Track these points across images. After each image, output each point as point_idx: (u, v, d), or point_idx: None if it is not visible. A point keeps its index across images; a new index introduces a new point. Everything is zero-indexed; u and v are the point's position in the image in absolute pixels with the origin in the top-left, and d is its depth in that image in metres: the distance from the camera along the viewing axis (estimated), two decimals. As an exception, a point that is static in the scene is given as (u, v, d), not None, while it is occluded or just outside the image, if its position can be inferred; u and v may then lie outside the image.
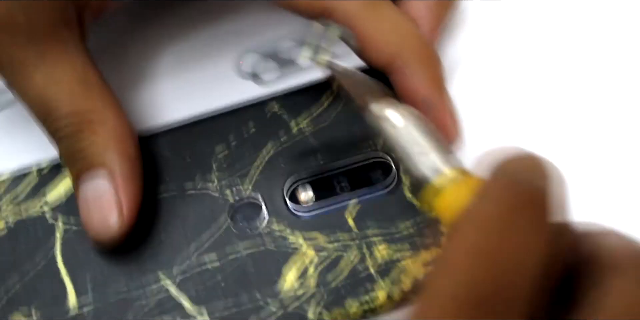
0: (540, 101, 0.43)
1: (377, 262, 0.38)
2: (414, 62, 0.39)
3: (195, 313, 0.38)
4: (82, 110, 0.39)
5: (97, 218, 0.39)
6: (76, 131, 0.39)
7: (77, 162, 0.39)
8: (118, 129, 0.40)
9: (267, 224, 0.40)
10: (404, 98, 0.40)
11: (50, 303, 0.40)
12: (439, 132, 0.34)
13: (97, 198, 0.39)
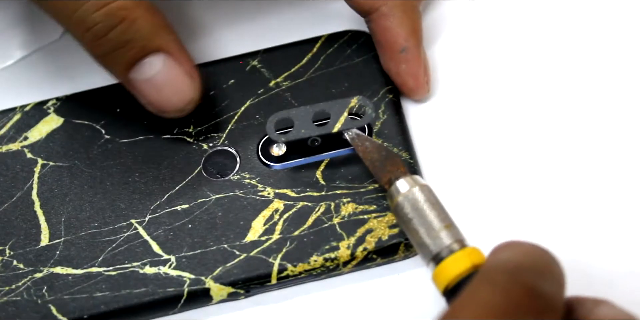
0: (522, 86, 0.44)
1: (342, 218, 0.39)
2: (399, 11, 0.41)
3: (162, 253, 0.39)
4: None
5: (172, 93, 0.40)
6: (115, 22, 0.39)
7: (126, 54, 0.39)
8: (154, 11, 0.40)
9: (238, 172, 0.41)
10: (382, 44, 0.41)
11: (23, 234, 0.41)
12: (444, 207, 0.37)
13: (165, 75, 0.40)
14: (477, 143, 0.42)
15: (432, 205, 0.37)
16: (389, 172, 0.38)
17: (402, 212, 0.37)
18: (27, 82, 0.47)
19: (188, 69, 0.40)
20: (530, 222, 0.40)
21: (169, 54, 0.40)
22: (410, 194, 0.37)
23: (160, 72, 0.40)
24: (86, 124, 0.43)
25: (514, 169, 0.41)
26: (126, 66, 0.40)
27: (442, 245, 0.36)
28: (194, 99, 0.41)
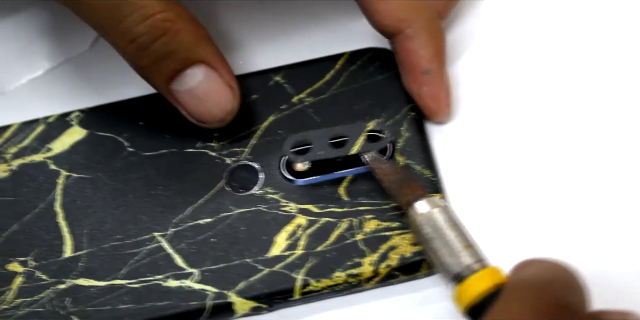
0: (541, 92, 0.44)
1: (365, 235, 0.40)
2: (424, 32, 0.41)
3: (185, 266, 0.40)
4: (158, 11, 0.39)
5: (212, 104, 0.41)
6: (159, 34, 0.39)
7: (169, 65, 0.40)
8: (196, 23, 0.40)
9: (261, 187, 0.41)
10: (405, 65, 0.42)
11: (46, 245, 0.41)
12: (464, 227, 0.37)
13: (206, 86, 0.40)
14: (499, 160, 0.42)
15: (452, 226, 0.37)
16: (407, 194, 0.38)
17: (422, 233, 0.37)
18: (53, 94, 0.47)
19: (228, 80, 0.41)
20: (552, 240, 0.40)
21: (210, 65, 0.40)
22: (430, 215, 0.37)
23: (202, 83, 0.40)
24: (109, 136, 0.43)
25: (536, 187, 0.41)
26: (168, 77, 0.40)
27: (463, 265, 0.36)
28: (234, 110, 0.41)
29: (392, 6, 0.41)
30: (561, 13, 0.46)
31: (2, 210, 0.42)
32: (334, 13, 0.47)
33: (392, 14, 0.41)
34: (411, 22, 0.41)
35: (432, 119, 0.43)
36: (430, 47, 0.42)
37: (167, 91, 0.41)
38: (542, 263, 0.34)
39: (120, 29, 0.39)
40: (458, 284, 0.35)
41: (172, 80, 0.40)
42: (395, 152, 0.41)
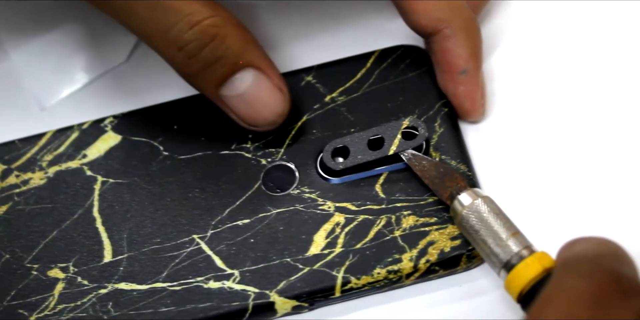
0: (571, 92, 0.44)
1: (403, 231, 0.40)
2: (462, 33, 0.41)
3: (225, 267, 0.40)
4: (205, 17, 0.39)
5: (263, 107, 0.41)
6: (207, 40, 0.39)
7: (218, 70, 0.40)
8: (242, 27, 0.40)
9: (297, 187, 0.42)
10: (442, 64, 0.42)
11: (86, 251, 0.41)
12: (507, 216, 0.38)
13: (256, 90, 0.40)
14: (532, 152, 0.42)
15: (496, 215, 0.37)
16: (449, 188, 0.39)
17: (467, 224, 0.37)
18: (92, 106, 0.47)
19: (277, 83, 0.41)
20: (590, 225, 0.40)
21: (259, 68, 0.40)
22: (474, 206, 0.38)
23: (251, 87, 0.40)
24: (144, 141, 0.44)
25: (570, 176, 0.41)
26: (217, 83, 0.40)
27: (512, 253, 0.36)
28: (284, 112, 0.41)
29: (431, 6, 0.41)
30: (595, 9, 0.46)
31: (41, 218, 0.42)
32: (362, 12, 0.47)
33: (430, 14, 0.41)
34: (449, 22, 0.41)
35: (466, 118, 0.43)
36: (467, 47, 0.42)
37: (216, 97, 0.41)
38: (589, 239, 0.34)
39: (168, 37, 0.39)
40: (508, 271, 0.36)
41: (221, 86, 0.40)
42: (430, 148, 0.41)
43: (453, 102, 0.42)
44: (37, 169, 0.44)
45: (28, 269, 0.41)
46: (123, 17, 0.39)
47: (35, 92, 0.47)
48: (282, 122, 0.41)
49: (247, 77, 0.40)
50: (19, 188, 0.43)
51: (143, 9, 0.38)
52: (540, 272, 0.35)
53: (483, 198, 0.38)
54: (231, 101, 0.40)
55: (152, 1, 0.38)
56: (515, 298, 0.35)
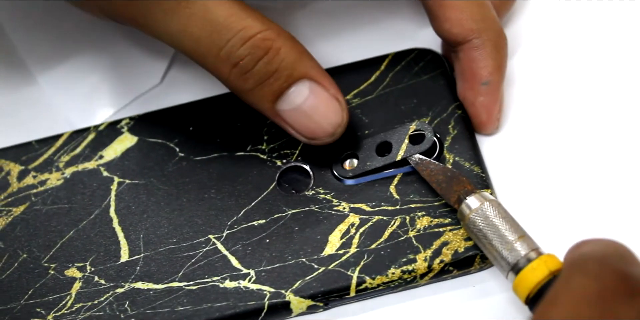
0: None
1: (418, 231, 0.40)
2: (491, 45, 0.42)
3: (241, 267, 0.40)
4: (258, 31, 0.39)
5: (322, 119, 0.40)
6: (261, 54, 0.39)
7: (273, 84, 0.39)
8: (293, 39, 0.40)
9: (312, 188, 0.42)
10: (466, 73, 0.42)
11: (103, 250, 0.42)
12: (514, 219, 0.38)
13: (313, 102, 0.40)
14: (544, 155, 0.43)
15: (503, 218, 0.38)
16: (456, 192, 0.39)
17: (475, 227, 0.38)
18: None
19: (334, 93, 0.40)
20: (599, 227, 0.41)
21: (314, 79, 0.40)
22: (481, 209, 0.38)
23: (308, 99, 0.39)
24: (160, 142, 0.44)
25: (581, 179, 0.42)
26: (274, 97, 0.40)
27: (519, 256, 0.37)
28: (344, 122, 0.40)
29: (464, 15, 0.42)
30: (611, 16, 0.46)
31: (58, 218, 0.43)
32: (376, 15, 0.48)
33: (463, 24, 0.42)
34: (480, 33, 0.42)
35: (480, 130, 0.43)
36: (494, 59, 0.42)
37: (273, 112, 0.40)
38: (597, 241, 0.34)
39: (222, 54, 0.39)
40: (516, 274, 0.36)
41: (278, 100, 0.40)
42: (444, 150, 0.42)
43: (470, 111, 0.43)
44: (54, 170, 0.44)
45: (45, 269, 0.42)
46: (172, 39, 0.39)
47: (69, 117, 0.47)
48: (342, 132, 0.41)
49: (304, 89, 0.40)
50: (36, 188, 0.44)
51: (194, 28, 0.38)
52: (547, 275, 0.35)
53: (490, 201, 0.38)
54: (289, 115, 0.40)
55: (203, 21, 0.38)
56: (523, 300, 0.36)
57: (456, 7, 0.41)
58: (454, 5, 0.41)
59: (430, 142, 0.41)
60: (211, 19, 0.38)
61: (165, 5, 0.38)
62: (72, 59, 0.48)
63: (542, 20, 0.47)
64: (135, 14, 0.39)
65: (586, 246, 0.34)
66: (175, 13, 0.38)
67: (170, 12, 0.38)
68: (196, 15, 0.38)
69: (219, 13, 0.38)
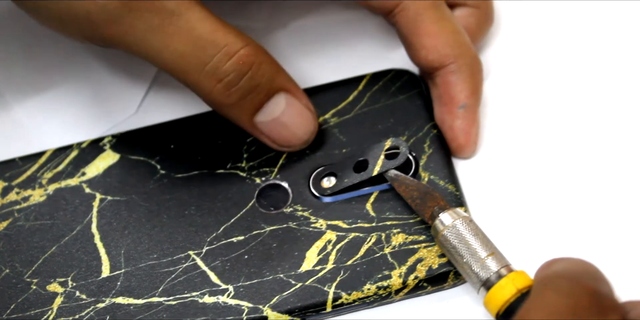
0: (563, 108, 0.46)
1: (393, 248, 0.41)
2: (467, 69, 0.43)
3: (220, 283, 0.41)
4: (241, 47, 0.40)
5: (297, 128, 0.42)
6: (246, 70, 0.40)
7: (255, 98, 0.41)
8: (269, 54, 0.42)
9: (290, 205, 0.43)
10: (443, 97, 0.43)
11: (84, 266, 0.42)
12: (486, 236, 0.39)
13: (289, 112, 0.42)
14: (517, 174, 0.44)
15: (475, 235, 0.39)
16: (430, 208, 0.40)
17: (448, 243, 0.39)
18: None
19: (306, 102, 0.42)
20: (570, 245, 0.42)
21: (289, 91, 0.42)
22: (454, 226, 0.39)
23: (285, 110, 0.42)
24: (141, 159, 0.45)
25: (553, 198, 0.43)
26: (254, 111, 0.41)
27: (490, 272, 0.38)
28: (315, 130, 0.43)
29: (440, 42, 0.43)
30: (578, 42, 0.48)
31: (41, 234, 0.43)
32: (354, 37, 0.49)
33: (439, 50, 0.43)
34: (457, 58, 0.43)
35: (457, 153, 0.44)
36: (470, 84, 0.43)
37: (251, 125, 0.42)
38: (568, 259, 0.35)
39: (207, 70, 0.40)
40: (487, 290, 0.37)
41: (257, 113, 0.42)
42: (420, 168, 0.43)
43: (447, 135, 0.44)
44: (37, 186, 0.45)
45: (27, 284, 0.42)
46: (156, 56, 0.40)
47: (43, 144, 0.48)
48: (313, 139, 0.43)
49: (281, 101, 0.42)
50: (19, 205, 0.44)
51: (179, 44, 0.39)
52: (515, 293, 0.37)
53: (463, 218, 0.39)
54: (267, 126, 0.42)
55: (188, 37, 0.39)
56: (494, 316, 0.37)
57: (431, 34, 0.43)
58: (429, 32, 0.43)
59: (405, 156, 0.42)
60: (195, 35, 0.39)
61: (150, 23, 0.39)
62: (48, 89, 0.49)
63: (513, 45, 0.48)
64: (119, 33, 0.40)
65: (557, 264, 0.35)
66: (160, 30, 0.39)
67: (154, 29, 0.39)
68: (180, 32, 0.39)
69: (203, 29, 0.39)
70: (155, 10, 0.39)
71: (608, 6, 0.48)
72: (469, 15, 0.45)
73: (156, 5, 0.39)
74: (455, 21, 0.43)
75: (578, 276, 0.34)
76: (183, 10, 0.39)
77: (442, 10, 0.43)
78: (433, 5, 0.43)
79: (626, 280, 0.39)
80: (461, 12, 0.45)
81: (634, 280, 0.40)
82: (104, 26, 0.40)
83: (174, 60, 0.40)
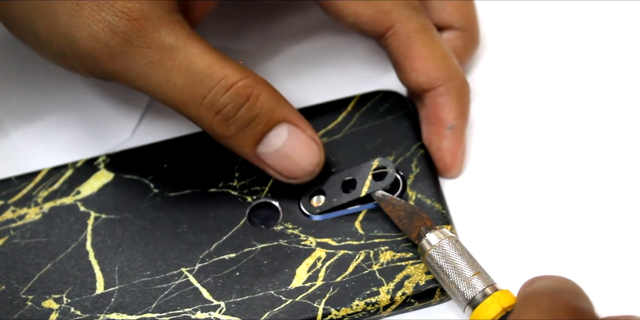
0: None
1: (381, 265, 0.42)
2: (455, 92, 0.44)
3: (212, 299, 0.42)
4: (239, 79, 0.41)
5: (301, 159, 0.43)
6: (243, 101, 0.41)
7: (254, 129, 0.41)
8: (270, 85, 0.42)
9: (281, 223, 0.44)
10: (432, 118, 0.44)
11: (79, 283, 0.43)
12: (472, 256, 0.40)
13: (292, 143, 0.42)
14: (502, 194, 0.45)
15: (461, 255, 0.40)
16: (417, 227, 0.41)
17: (434, 263, 0.40)
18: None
19: (310, 134, 0.42)
20: (551, 265, 0.43)
21: (292, 122, 0.42)
22: (440, 246, 0.40)
23: (288, 141, 0.42)
24: (135, 178, 0.46)
25: (537, 217, 0.44)
26: (255, 142, 0.42)
27: (476, 291, 0.39)
28: (321, 161, 0.43)
29: (430, 65, 0.44)
30: (559, 59, 0.49)
31: (36, 251, 0.44)
32: (344, 59, 0.50)
33: (429, 72, 0.44)
34: (446, 81, 0.44)
35: (444, 172, 0.45)
36: (458, 105, 0.44)
37: (254, 156, 0.42)
38: (549, 277, 0.36)
39: (205, 102, 0.41)
40: (473, 309, 0.38)
41: (258, 144, 0.42)
42: (407, 187, 0.44)
43: (434, 155, 0.45)
44: (32, 205, 0.46)
45: (23, 300, 0.43)
46: (156, 90, 0.41)
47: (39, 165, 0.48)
48: (319, 171, 0.43)
49: (283, 132, 0.42)
50: (15, 223, 0.45)
51: (178, 79, 0.40)
52: (500, 311, 0.38)
53: (449, 238, 0.40)
54: (269, 158, 0.42)
55: (187, 71, 0.40)
56: None
57: (422, 57, 0.44)
58: (420, 56, 0.44)
59: (392, 177, 0.43)
60: (194, 69, 0.40)
61: (150, 58, 0.40)
62: (44, 114, 0.50)
63: (499, 67, 0.49)
64: (120, 68, 0.41)
65: (538, 282, 0.36)
66: (159, 65, 0.40)
67: (154, 64, 0.40)
68: (179, 67, 0.40)
69: (201, 63, 0.40)
70: (155, 46, 0.40)
71: (593, 28, 0.49)
72: (456, 38, 0.46)
73: (156, 41, 0.40)
74: (444, 44, 0.44)
75: (559, 293, 0.35)
76: (182, 45, 0.40)
77: (432, 34, 0.44)
78: (423, 29, 0.44)
79: (607, 296, 0.40)
80: (448, 35, 0.47)
81: (615, 297, 0.41)
82: (105, 62, 0.40)
83: (173, 94, 0.41)
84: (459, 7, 0.47)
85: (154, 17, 0.40)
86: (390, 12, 0.44)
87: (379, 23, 0.44)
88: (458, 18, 0.47)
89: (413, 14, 0.44)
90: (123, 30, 0.40)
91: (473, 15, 0.47)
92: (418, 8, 0.44)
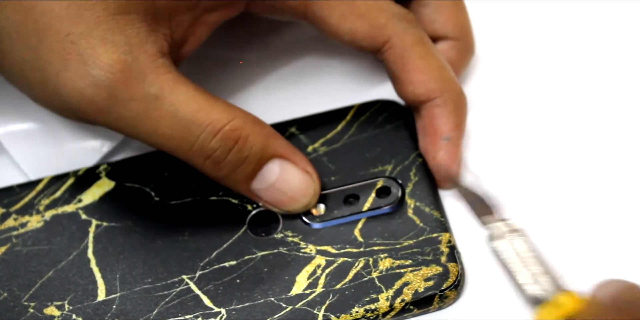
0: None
1: (380, 272, 0.42)
2: (452, 103, 0.45)
3: (213, 306, 0.42)
4: (226, 123, 0.41)
5: (294, 192, 0.43)
6: (232, 144, 0.41)
7: (246, 169, 0.42)
8: (259, 122, 0.43)
9: (281, 231, 0.44)
10: (428, 129, 0.45)
11: (80, 290, 0.43)
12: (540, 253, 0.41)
13: (285, 178, 0.43)
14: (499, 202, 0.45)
15: (531, 251, 0.40)
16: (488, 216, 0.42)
17: (502, 257, 0.41)
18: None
19: (303, 166, 0.43)
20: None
21: (283, 157, 0.43)
22: (510, 240, 0.41)
23: (280, 176, 0.43)
24: (136, 187, 0.46)
25: (533, 225, 0.44)
26: (248, 180, 0.43)
27: (543, 290, 0.39)
28: (316, 192, 0.44)
29: (427, 77, 0.44)
30: (562, 69, 0.49)
31: (38, 259, 0.45)
32: (343, 69, 0.51)
33: (426, 85, 0.44)
34: (442, 92, 0.44)
35: (440, 183, 0.45)
36: (455, 117, 0.45)
37: (249, 192, 0.43)
38: (618, 283, 0.37)
39: (194, 149, 0.41)
40: (538, 306, 0.39)
41: (251, 182, 0.43)
42: (406, 195, 0.44)
43: (431, 165, 0.45)
44: (34, 213, 0.46)
45: (25, 307, 0.43)
46: (146, 139, 0.42)
47: None
48: (316, 201, 0.44)
49: (274, 168, 0.43)
50: (17, 230, 0.46)
51: (165, 129, 0.41)
52: (570, 310, 0.38)
53: (519, 233, 0.41)
54: (264, 193, 0.43)
55: (173, 120, 0.41)
56: None
57: (419, 70, 0.44)
58: (417, 68, 0.44)
59: (396, 196, 0.44)
60: (180, 117, 0.41)
61: (136, 110, 0.41)
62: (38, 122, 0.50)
63: (494, 77, 0.50)
64: (107, 120, 0.41)
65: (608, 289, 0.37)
66: (146, 116, 0.41)
67: (140, 116, 0.41)
68: (166, 116, 0.41)
69: (186, 111, 0.41)
70: (140, 98, 0.40)
71: (589, 38, 0.50)
72: (451, 48, 0.47)
73: (140, 93, 0.40)
74: (440, 56, 0.45)
75: (626, 305, 0.36)
76: (167, 93, 0.41)
77: (428, 46, 0.45)
78: (419, 42, 0.44)
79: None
80: (443, 46, 0.47)
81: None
82: (95, 115, 0.41)
83: (163, 143, 0.41)
84: (453, 17, 0.47)
85: (138, 68, 0.41)
86: (385, 27, 0.44)
87: (375, 38, 0.44)
88: (452, 28, 0.47)
89: (408, 27, 0.45)
90: (107, 84, 0.40)
91: (467, 25, 0.48)
92: (413, 21, 0.45)
